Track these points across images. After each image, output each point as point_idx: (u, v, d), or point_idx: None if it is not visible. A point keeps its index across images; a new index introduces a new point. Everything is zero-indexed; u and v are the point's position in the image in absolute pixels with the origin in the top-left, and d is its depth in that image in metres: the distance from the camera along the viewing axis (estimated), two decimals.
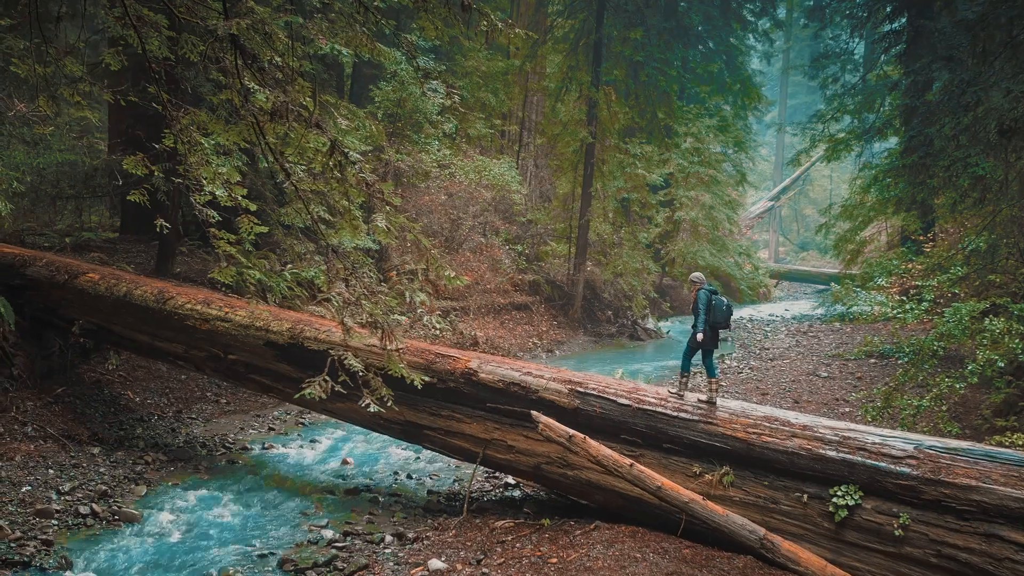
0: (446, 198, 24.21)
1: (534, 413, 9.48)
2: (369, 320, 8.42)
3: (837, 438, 8.61)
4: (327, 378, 8.53)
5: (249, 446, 13.74)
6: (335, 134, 6.92)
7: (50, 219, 19.81)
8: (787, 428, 8.92)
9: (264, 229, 8.57)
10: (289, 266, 19.81)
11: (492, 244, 25.44)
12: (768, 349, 24.64)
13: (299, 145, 6.77)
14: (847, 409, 15.40)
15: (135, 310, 12.87)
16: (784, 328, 29.88)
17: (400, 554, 9.51)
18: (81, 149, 18.81)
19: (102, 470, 11.85)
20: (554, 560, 8.85)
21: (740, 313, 36.31)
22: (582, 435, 9.13)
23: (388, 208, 7.33)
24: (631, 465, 8.80)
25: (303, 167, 7.35)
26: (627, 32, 26.46)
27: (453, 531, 10.08)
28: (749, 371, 20.48)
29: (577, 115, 27.07)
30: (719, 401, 9.65)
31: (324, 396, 8.50)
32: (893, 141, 30.50)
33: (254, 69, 6.71)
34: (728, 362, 22.43)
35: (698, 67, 37.10)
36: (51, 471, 11.54)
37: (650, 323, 28.60)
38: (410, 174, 22.59)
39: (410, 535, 10.07)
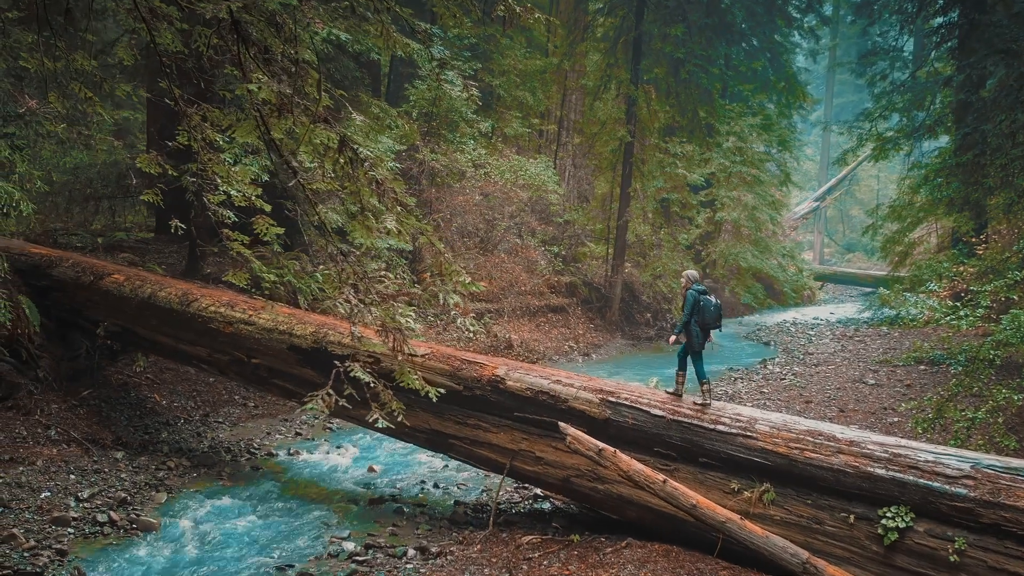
0: (481, 198, 23.80)
1: (562, 425, 9.01)
2: (379, 328, 7.99)
3: (886, 455, 8.04)
4: (331, 392, 8.11)
5: (275, 452, 13.43)
6: (349, 131, 6.53)
7: (86, 219, 19.74)
8: (832, 443, 8.36)
9: (280, 230, 8.21)
10: (321, 267, 19.55)
11: (528, 245, 24.97)
12: (812, 354, 23.89)
13: (307, 141, 6.36)
14: (896, 419, 14.70)
15: (159, 312, 12.62)
16: (829, 332, 29.02)
17: (422, 570, 9.10)
18: (117, 149, 18.69)
19: (123, 476, 11.60)
20: None
21: (783, 316, 35.46)
22: (612, 449, 8.64)
23: (400, 209, 6.92)
24: (664, 481, 8.29)
25: (314, 164, 6.97)
26: (667, 29, 25.86)
27: (478, 546, 9.65)
28: (793, 377, 19.80)
29: (615, 113, 26.50)
30: (759, 416, 9.11)
31: (327, 411, 8.09)
32: (944, 140, 29.52)
33: (259, 60, 6.33)
34: (771, 367, 21.77)
35: (741, 65, 36.32)
36: (72, 476, 11.31)
37: None
38: (444, 174, 22.20)
39: (434, 549, 9.65)
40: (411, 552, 9.63)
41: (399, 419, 8.70)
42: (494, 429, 10.32)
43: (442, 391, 9.47)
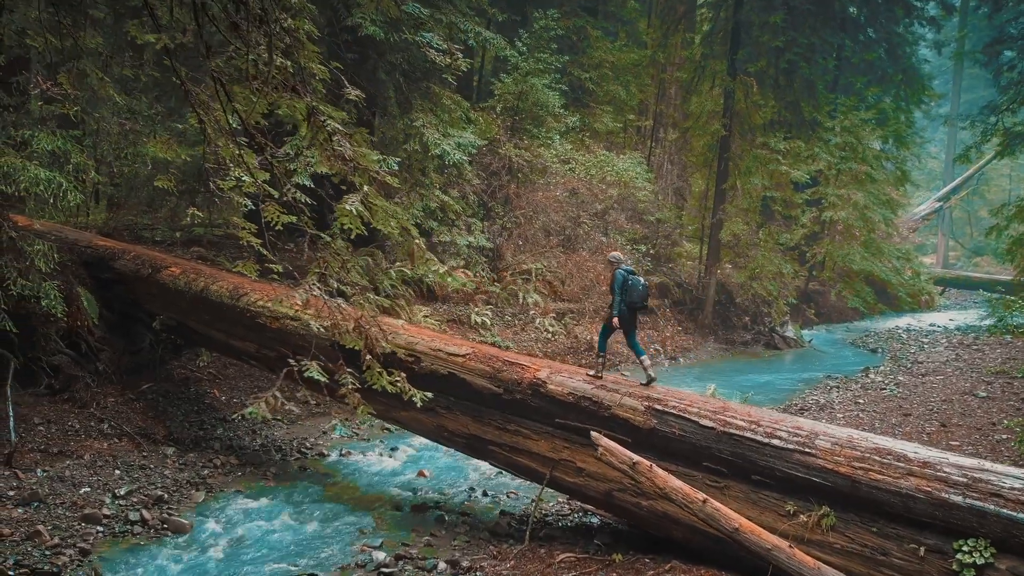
0: (566, 195, 23.02)
1: (594, 434, 8.23)
2: (354, 324, 7.40)
3: (964, 480, 6.96)
4: (276, 394, 7.58)
5: (326, 452, 13.05)
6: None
7: (171, 214, 19.90)
8: (902, 464, 7.31)
9: (291, 219, 7.71)
10: (397, 264, 19.21)
11: (615, 244, 24.05)
12: (922, 363, 22.17)
13: (256, 111, 5.82)
14: (1003, 436, 13.24)
15: (211, 306, 12.40)
16: (944, 340, 27.03)
17: None
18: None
19: (167, 473, 11.38)
20: None
21: (896, 322, 33.38)
22: (648, 463, 7.81)
23: (369, 188, 6.28)
24: (704, 501, 7.41)
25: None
26: (767, 16, 24.48)
27: (511, 562, 8.96)
28: (895, 387, 18.30)
29: (710, 106, 25.30)
30: (821, 431, 8.11)
31: (268, 416, 7.54)
32: None
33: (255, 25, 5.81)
34: (872, 376, 20.26)
35: (854, 56, 34.43)
36: (117, 472, 11.16)
37: (790, 331, 26.44)
38: (526, 170, 21.56)
39: (464, 563, 9.01)
40: (441, 566, 9.02)
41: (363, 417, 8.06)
42: (535, 436, 9.61)
43: (429, 394, 9.01)
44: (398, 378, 8.11)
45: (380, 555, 9.30)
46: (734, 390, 17.56)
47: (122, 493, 10.44)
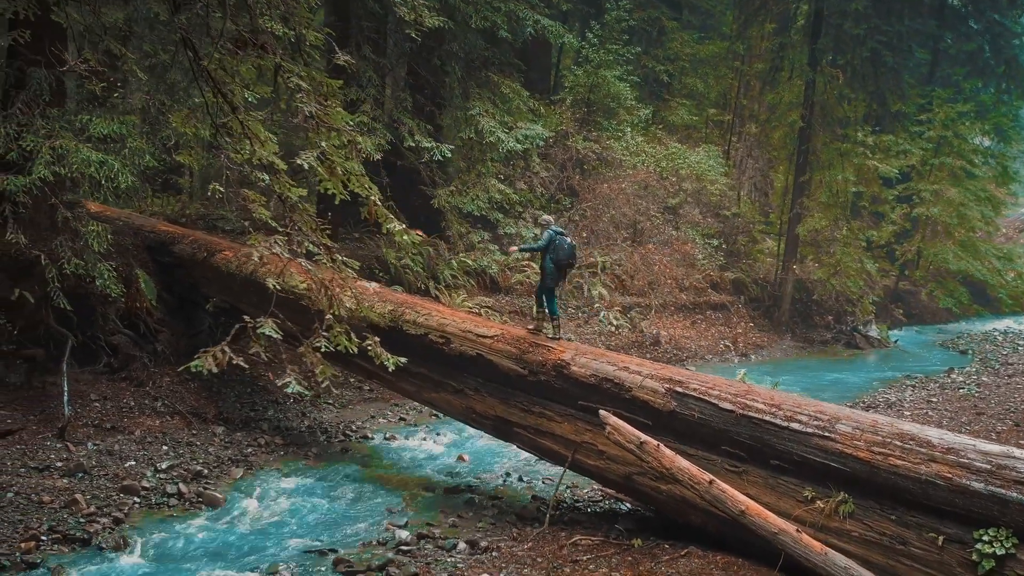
0: (634, 187, 22.70)
1: (602, 412, 8.05)
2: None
3: (988, 467, 6.52)
4: (225, 348, 7.67)
5: (371, 435, 13.17)
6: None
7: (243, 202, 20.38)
8: (924, 450, 6.90)
9: (303, 192, 7.78)
10: (462, 255, 19.28)
11: (686, 238, 23.58)
12: (1012, 364, 21.12)
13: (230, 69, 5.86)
14: None
15: (260, 289, 12.60)
16: None
17: (460, 565, 8.40)
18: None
19: (211, 450, 11.67)
20: None
21: (994, 325, 31.82)
22: (655, 442, 7.59)
23: (329, 142, 6.21)
24: (710, 482, 7.16)
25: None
26: (849, 3, 23.57)
27: (529, 544, 8.84)
28: (975, 387, 17.43)
29: (788, 97, 24.57)
30: (845, 415, 7.75)
31: (214, 370, 7.64)
32: None
33: None
34: (955, 376, 19.36)
35: (950, 47, 33.00)
36: (164, 447, 11.49)
37: (873, 330, 25.43)
38: (595, 162, 21.35)
39: (483, 544, 8.93)
40: (461, 546, 8.96)
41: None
42: (558, 418, 9.47)
43: (403, 360, 9.36)
44: (371, 342, 8.10)
45: (403, 533, 9.30)
46: (800, 386, 17.02)
47: (163, 467, 10.73)
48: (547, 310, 10.05)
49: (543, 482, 11.46)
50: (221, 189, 8.13)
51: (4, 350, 11.79)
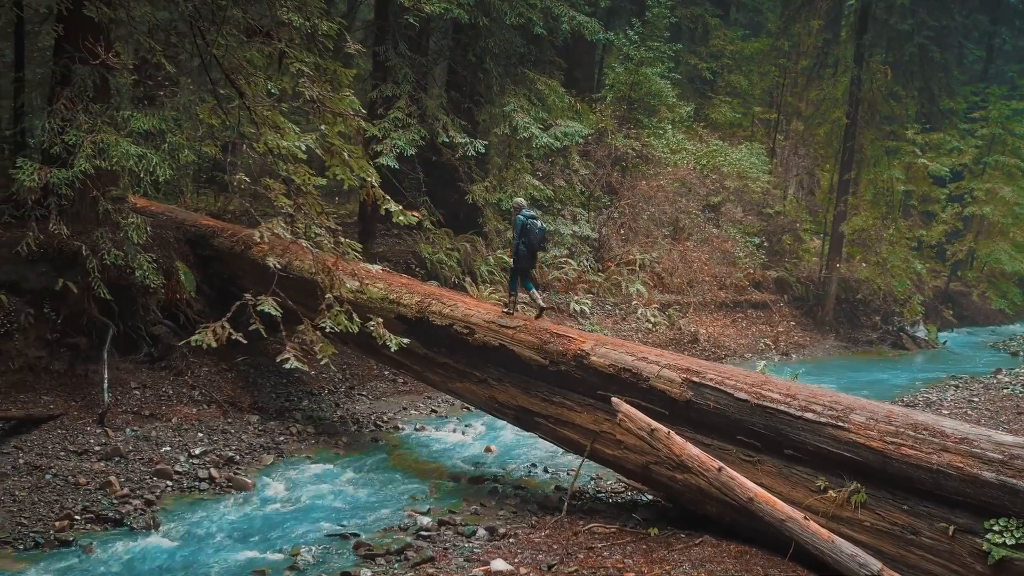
0: (675, 185, 22.59)
1: (614, 399, 8.11)
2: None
3: (1001, 457, 6.45)
4: (225, 324, 7.86)
5: (402, 426, 13.35)
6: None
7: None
8: (937, 440, 6.84)
9: (322, 181, 7.96)
10: (499, 251, 19.41)
11: (727, 236, 23.41)
12: None
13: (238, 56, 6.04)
14: None
15: (291, 282, 12.87)
16: None
17: (477, 551, 8.53)
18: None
19: (244, 437, 11.94)
20: (630, 575, 7.46)
21: None
22: (666, 429, 7.63)
23: (331, 127, 6.36)
24: (720, 470, 7.18)
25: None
26: None
27: (546, 531, 8.93)
28: (1020, 387, 17.06)
29: (832, 94, 24.25)
30: (860, 405, 7.70)
31: (213, 344, 7.84)
32: None
33: None
34: (1001, 377, 18.94)
35: (1006, 43, 32.28)
36: (200, 435, 11.79)
37: (921, 331, 24.98)
38: (636, 160, 21.33)
39: (501, 531, 9.07)
40: (480, 532, 9.10)
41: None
42: (578, 408, 9.55)
43: (406, 341, 9.49)
44: (375, 322, 8.27)
45: (425, 520, 9.46)
46: (839, 384, 16.80)
47: (197, 453, 11.04)
48: (525, 288, 10.62)
49: (567, 473, 11.52)
50: (247, 179, 8.33)
51: (48, 338, 12.20)
